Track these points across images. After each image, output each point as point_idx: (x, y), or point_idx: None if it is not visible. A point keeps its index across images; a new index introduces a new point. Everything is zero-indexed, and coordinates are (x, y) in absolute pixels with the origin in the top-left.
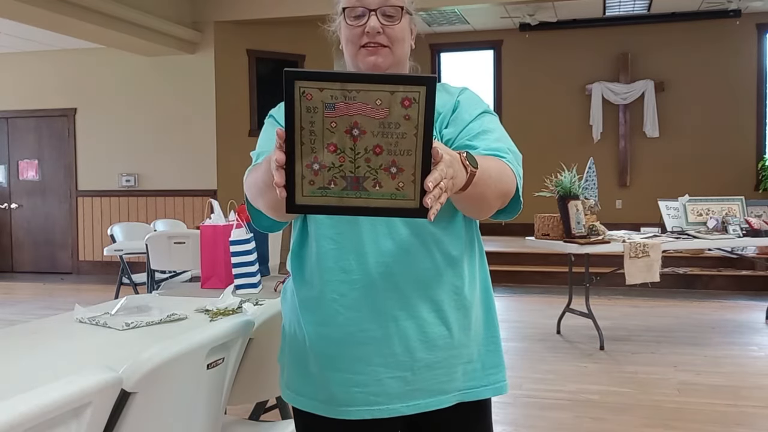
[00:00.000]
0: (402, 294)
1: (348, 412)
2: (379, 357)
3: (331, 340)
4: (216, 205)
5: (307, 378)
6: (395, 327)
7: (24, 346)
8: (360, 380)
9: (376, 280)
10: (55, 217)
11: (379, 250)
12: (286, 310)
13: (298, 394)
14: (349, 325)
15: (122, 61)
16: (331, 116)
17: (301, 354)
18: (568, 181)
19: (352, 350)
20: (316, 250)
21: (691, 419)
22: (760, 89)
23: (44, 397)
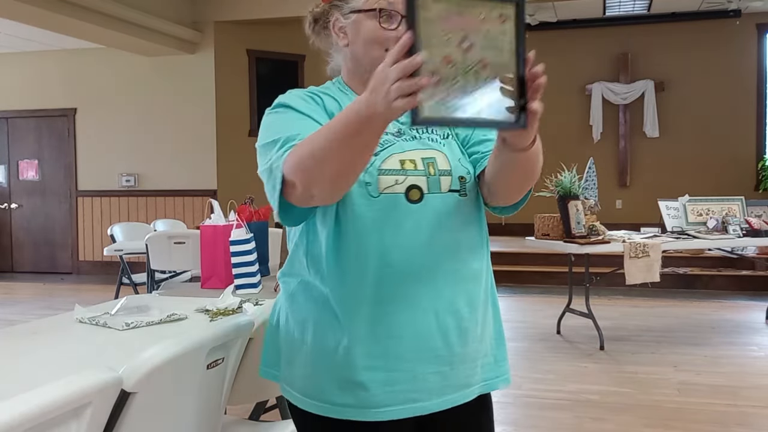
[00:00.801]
0: (442, 288)
1: (387, 412)
2: (420, 352)
3: (374, 337)
4: (216, 205)
5: (337, 383)
6: (435, 321)
7: (24, 346)
8: (401, 377)
9: (418, 275)
10: (55, 217)
11: (421, 245)
12: (301, 315)
13: (327, 402)
14: (391, 322)
15: (122, 61)
16: (447, 29)
17: (330, 358)
18: (568, 181)
19: (396, 347)
20: (356, 248)
21: (691, 419)
22: (760, 89)
23: (44, 397)
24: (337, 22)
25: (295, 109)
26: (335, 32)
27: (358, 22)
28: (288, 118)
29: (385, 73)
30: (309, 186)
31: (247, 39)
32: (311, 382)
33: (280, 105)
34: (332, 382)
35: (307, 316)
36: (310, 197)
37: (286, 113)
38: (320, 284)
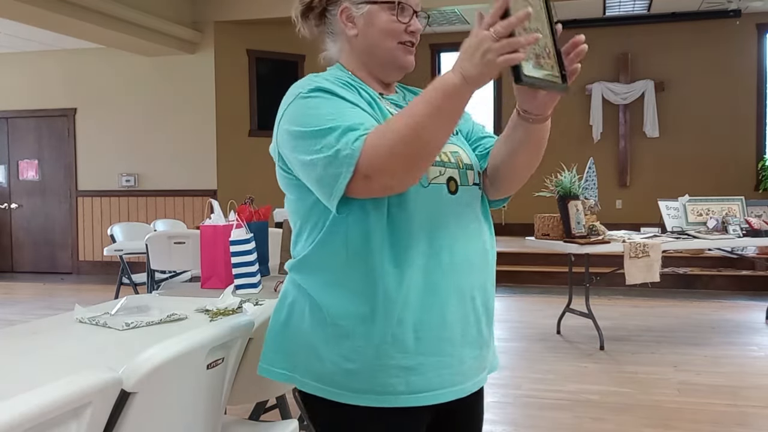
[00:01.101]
0: (476, 275)
1: (437, 395)
2: (465, 337)
3: (425, 324)
4: (216, 205)
5: (387, 372)
6: (472, 307)
7: (24, 346)
8: (449, 362)
9: (459, 263)
10: (55, 217)
11: (460, 234)
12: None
13: (376, 393)
14: (441, 308)
15: (122, 61)
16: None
17: (379, 349)
18: (568, 181)
19: (445, 332)
20: (407, 237)
21: (691, 419)
22: (760, 89)
23: (44, 397)
24: (346, 11)
25: (339, 95)
26: (343, 21)
27: (372, 14)
28: (337, 104)
29: (480, 37)
30: (394, 172)
31: (247, 39)
32: (355, 375)
33: (319, 89)
34: (382, 372)
35: (346, 310)
36: (387, 187)
37: (331, 99)
38: (363, 275)
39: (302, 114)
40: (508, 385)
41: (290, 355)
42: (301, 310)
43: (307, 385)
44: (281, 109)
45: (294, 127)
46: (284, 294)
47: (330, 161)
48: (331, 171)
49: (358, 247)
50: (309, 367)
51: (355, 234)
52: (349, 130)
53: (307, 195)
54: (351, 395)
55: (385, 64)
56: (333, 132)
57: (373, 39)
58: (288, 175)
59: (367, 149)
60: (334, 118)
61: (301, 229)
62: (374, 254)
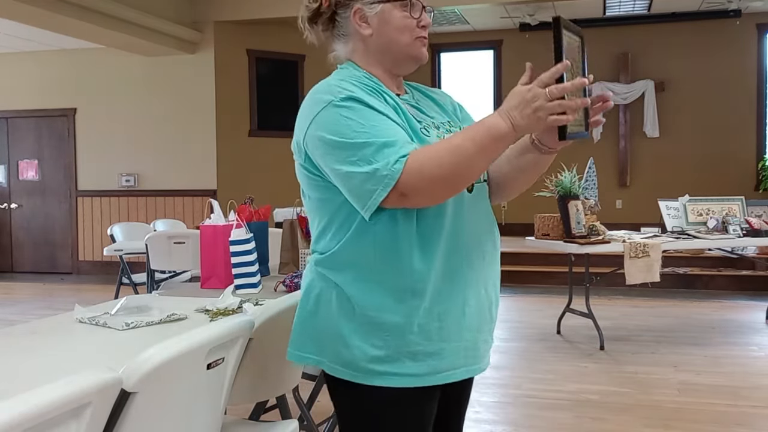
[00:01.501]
0: (487, 266)
1: (454, 374)
2: (480, 323)
3: (447, 311)
4: (216, 205)
5: (411, 356)
6: (485, 295)
7: (24, 346)
8: (466, 345)
9: (474, 255)
10: (55, 217)
11: (475, 228)
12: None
13: (400, 374)
14: (462, 298)
15: (122, 61)
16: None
17: (405, 335)
18: (568, 181)
19: (464, 318)
20: (434, 232)
21: (691, 419)
22: (760, 89)
23: (44, 397)
24: (359, 12)
25: (370, 105)
26: (357, 22)
27: (386, 12)
28: (370, 116)
29: (533, 93)
30: (432, 196)
31: (247, 39)
32: (381, 361)
33: (351, 98)
34: (407, 358)
35: (375, 303)
36: (418, 205)
37: (364, 110)
38: (392, 272)
39: (336, 123)
40: (508, 385)
41: (318, 342)
42: (328, 301)
43: (335, 370)
44: (309, 113)
45: (328, 136)
46: (310, 286)
47: (367, 177)
48: (367, 186)
49: (387, 247)
50: (337, 354)
51: (384, 235)
52: (384, 146)
53: (334, 196)
54: (377, 378)
55: (401, 58)
56: (369, 146)
57: (388, 36)
58: (313, 176)
59: (409, 172)
60: (368, 131)
61: (327, 227)
62: (403, 253)
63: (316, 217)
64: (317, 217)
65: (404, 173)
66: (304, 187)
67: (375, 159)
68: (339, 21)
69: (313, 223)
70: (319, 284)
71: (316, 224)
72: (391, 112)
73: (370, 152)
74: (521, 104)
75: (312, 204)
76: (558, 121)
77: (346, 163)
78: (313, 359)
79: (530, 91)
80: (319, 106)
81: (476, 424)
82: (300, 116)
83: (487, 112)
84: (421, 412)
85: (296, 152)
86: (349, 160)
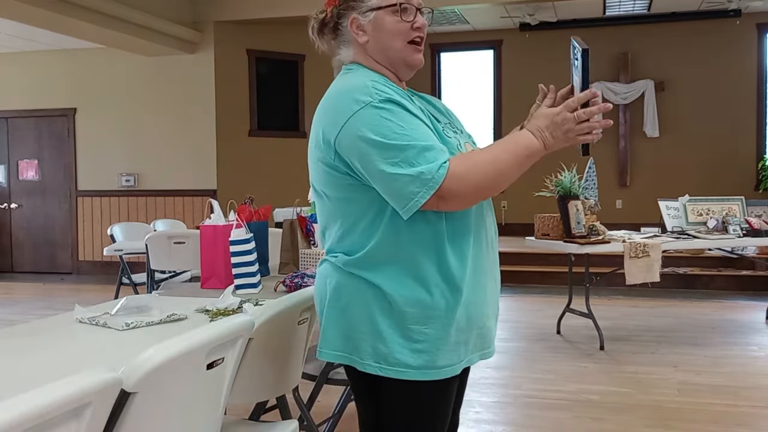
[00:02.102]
0: (495, 260)
1: (474, 358)
2: (494, 312)
3: (474, 303)
4: (216, 205)
5: (447, 347)
6: (495, 286)
7: (24, 346)
8: (484, 333)
9: (489, 249)
10: (55, 217)
11: (488, 223)
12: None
13: (437, 367)
14: (484, 288)
15: (122, 61)
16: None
17: (440, 331)
18: (568, 181)
19: (486, 308)
20: (464, 229)
21: (691, 419)
22: (760, 89)
23: (44, 397)
24: (355, 21)
25: (406, 108)
26: (354, 30)
27: (378, 19)
28: (408, 119)
29: (563, 117)
30: (468, 200)
31: (247, 39)
32: (419, 354)
33: (388, 101)
34: (443, 349)
35: (413, 298)
36: (452, 208)
37: (401, 113)
38: (428, 268)
39: (378, 124)
40: (508, 385)
41: (350, 340)
42: (361, 299)
43: (369, 366)
44: (345, 111)
45: (371, 135)
46: (338, 286)
47: (412, 180)
48: (411, 188)
49: (422, 244)
50: (372, 350)
51: (418, 233)
52: (425, 150)
53: (361, 195)
54: (415, 372)
55: (396, 64)
56: (411, 149)
57: (383, 42)
58: (341, 175)
59: (452, 178)
60: (408, 134)
61: (352, 227)
62: (438, 249)
63: (337, 217)
64: (339, 218)
65: (447, 178)
66: (323, 186)
67: (417, 162)
68: (341, 29)
69: (330, 224)
70: (349, 283)
71: (338, 225)
72: (422, 115)
73: (413, 155)
74: (552, 126)
75: (332, 204)
76: (586, 139)
77: (389, 164)
78: (345, 357)
79: (559, 115)
80: (358, 106)
81: (476, 424)
82: (330, 111)
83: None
84: (449, 399)
85: (322, 149)
86: (392, 161)
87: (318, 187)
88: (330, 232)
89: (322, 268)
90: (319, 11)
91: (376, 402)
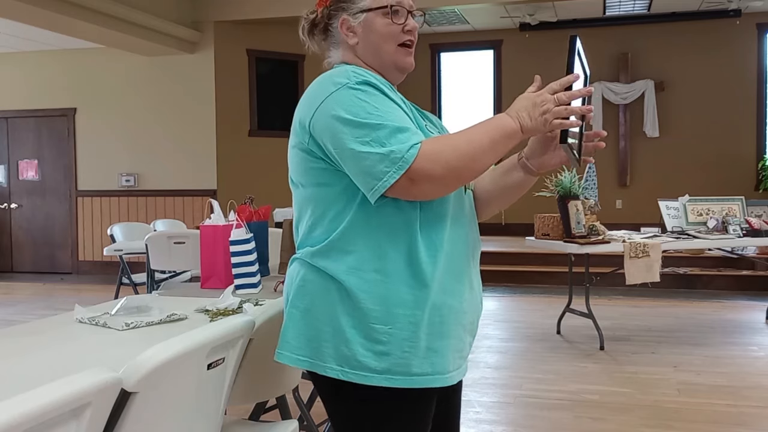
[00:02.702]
0: (474, 267)
1: (453, 377)
2: (471, 323)
3: (448, 308)
4: (216, 205)
5: (418, 354)
6: (471, 296)
7: (24, 346)
8: (460, 345)
9: (469, 253)
10: (54, 217)
11: (467, 228)
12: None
13: (409, 374)
14: (460, 294)
15: (122, 61)
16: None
17: (412, 331)
18: (568, 181)
19: (460, 317)
20: (438, 230)
21: (691, 419)
22: (760, 89)
23: (44, 397)
24: (345, 23)
25: (385, 94)
26: (344, 32)
27: (369, 21)
28: (383, 101)
29: (542, 98)
30: (440, 182)
31: (247, 39)
32: (386, 357)
33: (366, 83)
34: (411, 354)
35: (380, 295)
36: (423, 194)
37: (377, 95)
38: (397, 261)
39: (352, 104)
40: (508, 385)
41: (312, 341)
42: (325, 296)
43: (331, 370)
44: (320, 93)
45: (342, 114)
46: (302, 282)
47: (381, 159)
48: (380, 168)
49: (390, 234)
50: (334, 353)
51: (387, 222)
52: (398, 131)
53: (334, 182)
54: (380, 377)
55: (386, 66)
56: (383, 129)
57: (373, 44)
58: (315, 159)
59: (423, 157)
60: (382, 115)
61: (321, 217)
62: (408, 241)
63: (308, 207)
64: (310, 208)
65: (418, 159)
66: (298, 174)
67: (389, 142)
68: (331, 30)
69: (302, 215)
70: (315, 280)
71: (308, 216)
72: (401, 104)
73: (384, 134)
74: (530, 106)
75: (305, 193)
76: (563, 124)
77: (359, 143)
78: (306, 362)
79: (539, 96)
80: (333, 88)
81: (476, 424)
82: (307, 97)
83: (487, 111)
84: (422, 417)
85: (298, 134)
86: (362, 140)
87: (295, 178)
88: (302, 225)
89: (291, 268)
90: (309, 11)
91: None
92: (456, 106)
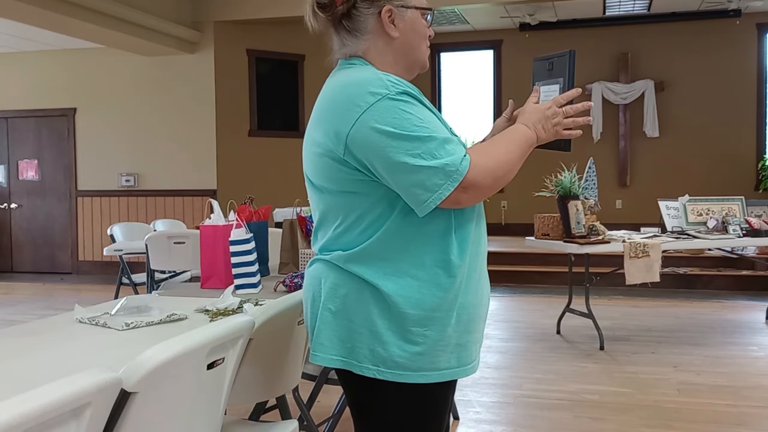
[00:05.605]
0: (486, 263)
1: (474, 366)
2: (486, 315)
3: (473, 307)
4: (216, 205)
5: (447, 350)
6: (487, 287)
7: (24, 346)
8: (479, 337)
9: (484, 250)
10: (54, 217)
11: (483, 227)
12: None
13: (438, 369)
14: (481, 290)
15: (122, 61)
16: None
17: (441, 332)
18: (568, 181)
19: (482, 311)
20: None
21: (691, 419)
22: (760, 89)
23: (44, 397)
24: (391, 13)
25: (423, 103)
26: (386, 22)
27: (415, 19)
28: (425, 113)
29: (553, 111)
30: (487, 192)
31: (247, 39)
32: (420, 356)
33: (406, 93)
34: (443, 351)
35: (415, 298)
36: (471, 201)
37: (418, 106)
38: (431, 266)
39: (396, 116)
40: (508, 385)
41: (345, 342)
42: (359, 299)
43: (367, 370)
44: (359, 104)
45: (389, 128)
46: (334, 285)
47: (435, 172)
48: (435, 181)
49: (428, 241)
50: (369, 353)
51: (424, 230)
52: (445, 142)
53: (372, 190)
54: (414, 375)
55: (414, 64)
56: (432, 141)
57: (412, 42)
58: (351, 170)
59: (476, 170)
60: (428, 126)
61: (355, 222)
62: (444, 247)
63: (339, 212)
64: (342, 213)
65: (470, 170)
66: (322, 179)
67: (440, 154)
68: (357, 15)
69: (328, 219)
70: (346, 282)
71: (339, 220)
72: (434, 110)
73: (434, 147)
74: (543, 120)
75: (331, 200)
76: (571, 134)
77: (410, 156)
78: (341, 361)
79: (550, 110)
80: (373, 98)
81: (476, 424)
82: (340, 107)
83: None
84: (446, 403)
85: (330, 142)
86: (413, 153)
87: (317, 182)
88: (326, 229)
89: (313, 269)
90: None
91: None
92: (456, 106)
